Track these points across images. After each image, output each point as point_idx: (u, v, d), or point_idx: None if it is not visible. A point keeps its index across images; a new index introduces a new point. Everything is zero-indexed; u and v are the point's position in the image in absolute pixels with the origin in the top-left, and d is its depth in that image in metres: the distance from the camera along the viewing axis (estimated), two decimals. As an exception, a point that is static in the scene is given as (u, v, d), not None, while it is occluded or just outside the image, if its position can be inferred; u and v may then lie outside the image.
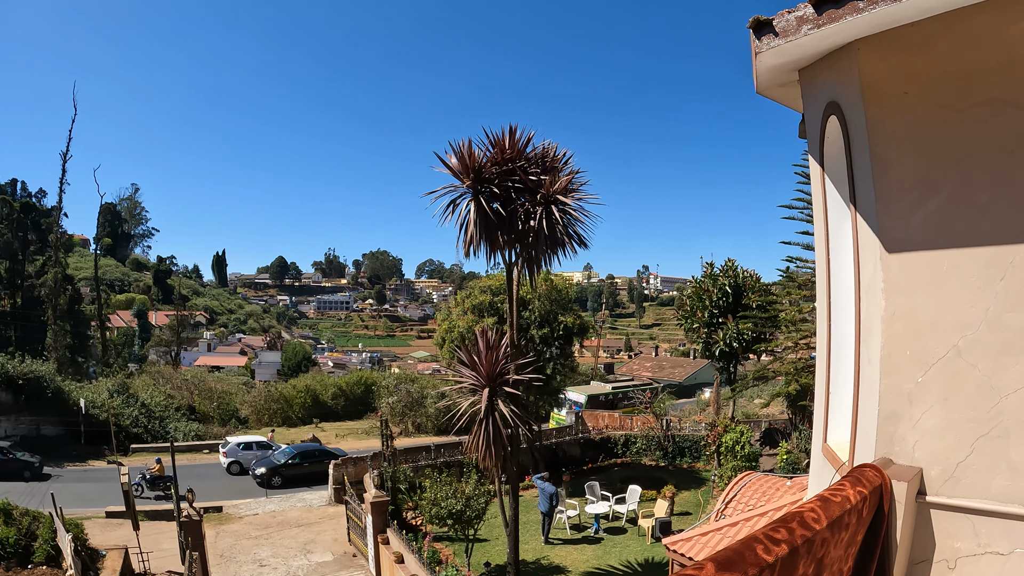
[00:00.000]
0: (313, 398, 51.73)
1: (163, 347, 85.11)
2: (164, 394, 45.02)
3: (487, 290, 28.38)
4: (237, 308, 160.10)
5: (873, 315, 4.36)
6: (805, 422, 29.18)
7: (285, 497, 28.05)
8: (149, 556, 19.57)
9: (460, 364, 17.14)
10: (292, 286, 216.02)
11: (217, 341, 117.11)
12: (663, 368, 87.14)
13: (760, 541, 2.63)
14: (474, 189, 14.92)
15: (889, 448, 4.25)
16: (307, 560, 21.36)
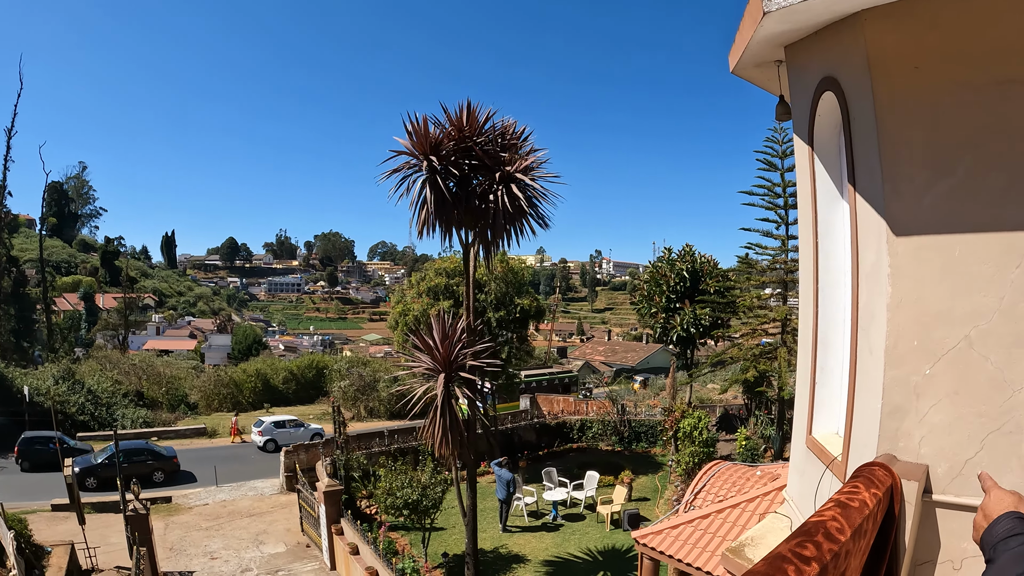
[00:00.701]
0: (264, 382, 50.80)
1: (110, 331, 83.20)
2: (111, 380, 43.74)
3: (442, 272, 27.98)
4: (186, 290, 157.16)
5: (876, 302, 4.07)
6: (762, 408, 29.41)
7: (236, 486, 27.37)
8: (96, 551, 18.85)
9: (415, 349, 16.67)
10: (243, 268, 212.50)
11: (166, 324, 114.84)
12: (616, 352, 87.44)
13: (789, 560, 2.38)
14: (430, 167, 14.40)
15: (893, 444, 3.98)
16: (259, 552, 20.83)
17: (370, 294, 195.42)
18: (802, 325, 6.22)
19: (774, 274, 25.44)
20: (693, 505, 9.99)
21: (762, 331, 25.58)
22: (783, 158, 24.37)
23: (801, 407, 6.06)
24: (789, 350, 23.90)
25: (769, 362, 24.47)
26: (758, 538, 5.96)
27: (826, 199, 5.49)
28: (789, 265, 24.54)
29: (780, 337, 24.75)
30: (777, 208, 24.67)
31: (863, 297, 4.36)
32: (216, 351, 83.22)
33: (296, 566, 20.01)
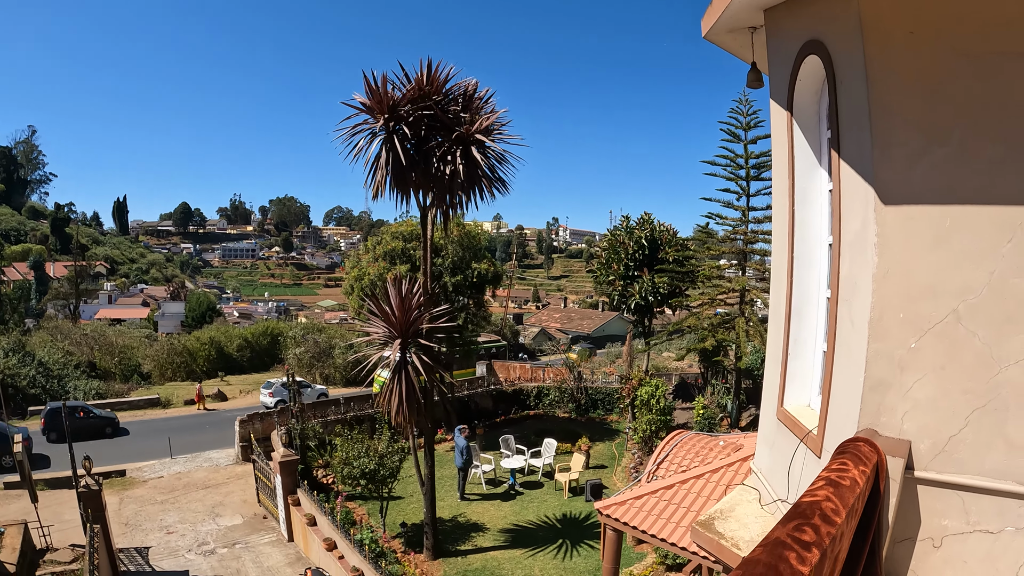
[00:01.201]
0: (218, 350, 49.99)
1: (61, 300, 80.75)
2: (63, 351, 42.59)
3: (399, 236, 27.57)
4: (139, 257, 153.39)
5: (860, 273, 3.95)
6: (719, 377, 29.68)
7: (191, 457, 26.85)
8: (51, 529, 18.35)
9: (371, 315, 16.35)
10: (196, 233, 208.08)
11: (118, 292, 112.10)
12: (572, 320, 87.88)
13: (789, 547, 2.27)
14: (387, 126, 13.97)
15: (875, 419, 3.89)
16: (216, 524, 20.52)
17: (325, 260, 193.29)
18: (774, 295, 6.11)
19: (734, 244, 25.53)
20: (656, 475, 9.94)
21: (720, 301, 25.73)
22: (747, 130, 24.39)
23: (772, 379, 5.97)
24: (747, 320, 24.07)
25: (727, 332, 24.62)
26: (727, 511, 5.87)
27: (804, 167, 5.36)
28: (749, 236, 24.65)
29: (738, 307, 24.89)
30: (739, 179, 24.70)
31: (845, 267, 4.23)
32: (169, 319, 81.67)
33: (253, 538, 19.75)
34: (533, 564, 16.81)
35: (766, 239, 24.37)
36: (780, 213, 5.73)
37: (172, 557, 18.47)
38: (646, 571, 15.92)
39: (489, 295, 30.64)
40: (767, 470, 6.11)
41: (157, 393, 39.57)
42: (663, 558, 16.20)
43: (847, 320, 4.18)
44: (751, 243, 24.78)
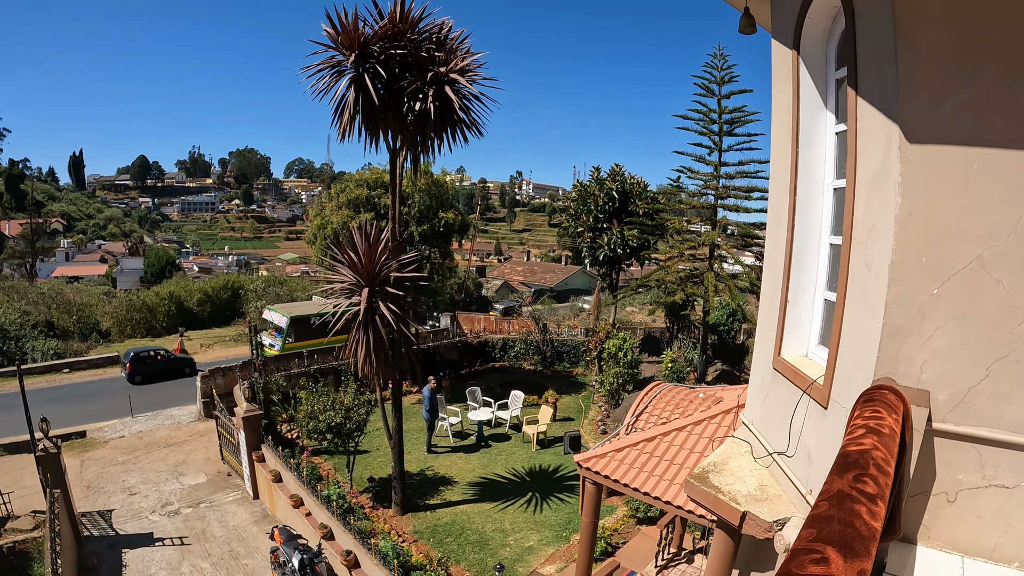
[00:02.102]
0: (178, 305, 48.89)
1: (17, 259, 79.05)
2: (19, 311, 41.32)
3: (364, 184, 27.11)
4: (96, 213, 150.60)
5: (880, 214, 3.74)
6: (686, 332, 29.79)
7: (152, 416, 26.27)
8: (10, 496, 17.86)
9: (336, 263, 15.92)
10: (155, 187, 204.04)
11: (76, 249, 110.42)
12: (535, 273, 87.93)
13: (856, 500, 2.15)
14: (357, 65, 13.40)
15: (892, 368, 3.71)
16: (179, 484, 20.16)
17: (286, 212, 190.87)
18: (771, 242, 5.94)
19: (705, 199, 25.46)
20: (635, 427, 9.82)
21: (690, 256, 25.69)
22: (721, 84, 24.16)
23: (768, 328, 5.80)
24: (716, 275, 24.09)
25: (696, 286, 24.64)
26: (720, 463, 5.74)
27: (808, 108, 5.16)
28: (721, 192, 24.53)
29: (708, 263, 24.90)
30: (712, 134, 24.52)
31: (860, 209, 4.03)
32: (128, 275, 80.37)
33: (218, 496, 19.46)
34: (503, 517, 16.80)
35: (737, 194, 24.34)
36: (781, 155, 5.52)
37: (136, 519, 18.13)
38: (617, 524, 15.98)
39: (455, 246, 30.35)
40: (759, 422, 5.98)
41: (116, 351, 38.63)
42: (634, 511, 16.28)
43: (862, 264, 3.99)
44: (722, 198, 24.69)
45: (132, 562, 16.05)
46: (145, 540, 17.05)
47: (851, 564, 1.71)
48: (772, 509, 4.94)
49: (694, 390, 10.46)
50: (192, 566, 15.86)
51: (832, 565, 1.68)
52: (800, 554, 1.75)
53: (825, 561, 1.69)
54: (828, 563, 1.68)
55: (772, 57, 5.69)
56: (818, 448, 4.47)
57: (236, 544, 16.94)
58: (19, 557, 16.18)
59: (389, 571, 13.15)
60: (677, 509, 7.63)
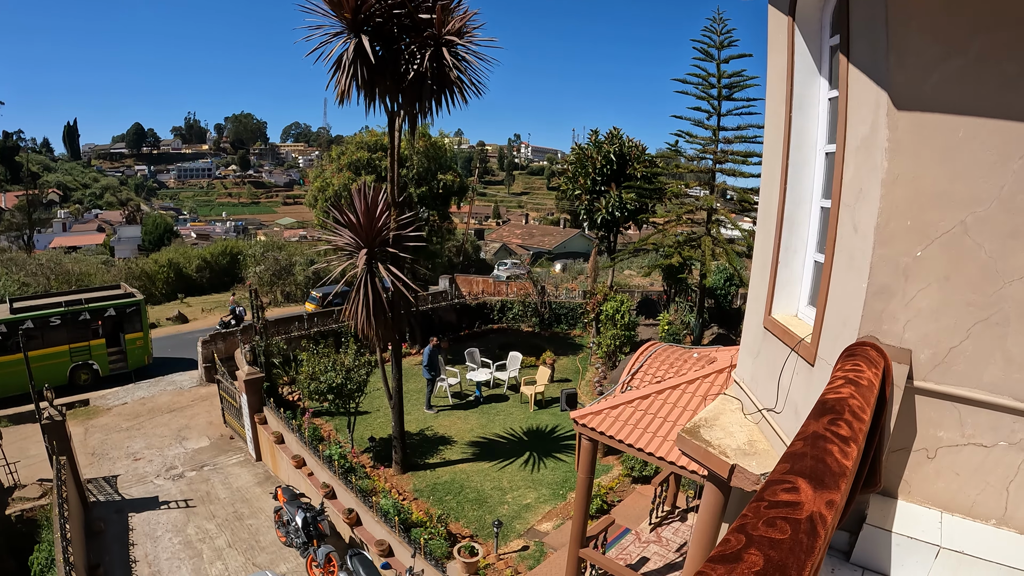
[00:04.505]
0: (177, 272, 48.94)
1: (14, 232, 78.47)
2: (18, 282, 41.17)
3: (364, 146, 27.06)
4: (92, 182, 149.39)
5: (868, 178, 3.86)
6: (682, 295, 29.95)
7: (154, 382, 26.51)
8: (16, 466, 18.11)
9: (336, 224, 16.00)
10: (151, 155, 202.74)
11: (73, 219, 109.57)
12: (533, 236, 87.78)
13: (829, 440, 2.31)
14: (354, 26, 13.34)
15: (877, 326, 3.86)
16: (183, 448, 20.46)
17: (284, 177, 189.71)
18: (763, 204, 6.06)
19: (704, 163, 25.47)
20: (631, 386, 10.01)
21: (688, 219, 25.76)
22: (720, 48, 24.02)
23: (759, 287, 5.96)
24: (714, 239, 24.19)
25: (693, 250, 24.73)
26: (711, 419, 5.93)
27: (802, 74, 5.25)
28: (719, 156, 24.52)
29: (705, 226, 24.97)
30: (711, 98, 24.42)
31: (849, 173, 4.15)
32: (126, 243, 80.00)
33: (221, 459, 19.76)
34: (502, 476, 17.09)
35: (735, 159, 24.34)
36: (775, 119, 5.63)
37: (141, 484, 18.45)
38: (613, 483, 16.28)
39: (454, 208, 30.35)
40: (750, 380, 6.16)
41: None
42: (629, 470, 16.56)
43: (849, 226, 4.12)
44: (720, 163, 24.69)
45: (139, 525, 16.39)
46: (151, 504, 17.40)
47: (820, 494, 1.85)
48: (760, 463, 5.13)
49: (689, 350, 10.64)
50: (198, 528, 16.20)
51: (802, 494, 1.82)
52: (773, 484, 1.90)
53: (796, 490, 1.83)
54: (799, 492, 1.82)
55: (768, 23, 5.76)
56: (805, 404, 4.63)
57: (240, 505, 17.27)
58: (27, 525, 16.47)
59: (390, 528, 13.47)
60: (670, 464, 7.83)
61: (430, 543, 12.89)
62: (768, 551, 1.58)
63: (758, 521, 1.72)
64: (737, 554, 1.57)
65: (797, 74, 5.23)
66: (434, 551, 12.77)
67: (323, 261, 18.98)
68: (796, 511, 1.79)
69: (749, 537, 1.64)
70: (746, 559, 1.54)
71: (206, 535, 15.86)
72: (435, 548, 12.82)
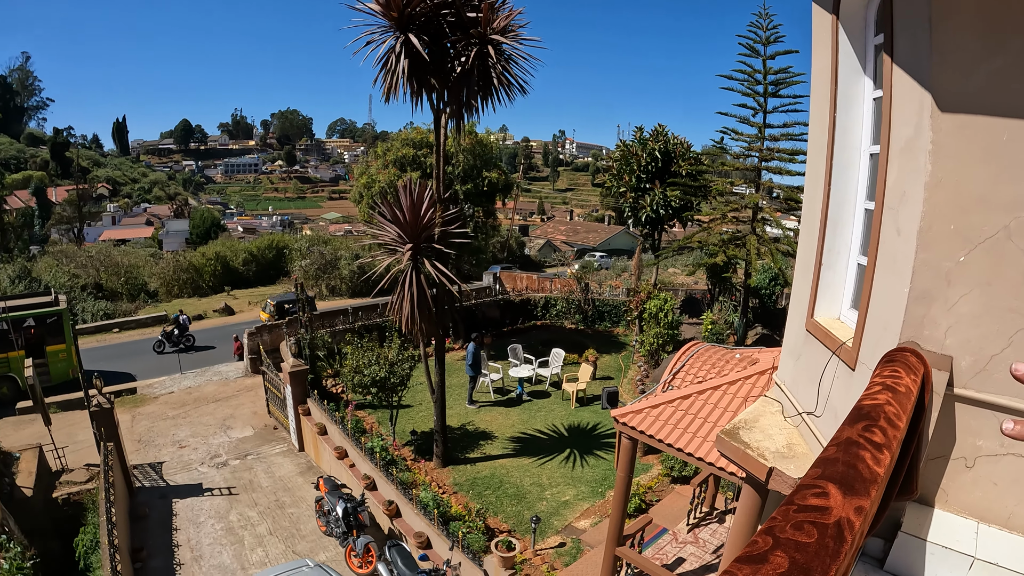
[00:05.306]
0: (223, 265, 49.91)
1: (65, 224, 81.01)
2: (68, 274, 42.42)
3: (409, 143, 27.25)
4: (141, 177, 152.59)
5: (911, 180, 3.80)
6: (727, 294, 29.67)
7: (200, 372, 27.07)
8: (65, 451, 18.67)
9: (382, 220, 16.17)
10: (198, 150, 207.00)
11: (122, 213, 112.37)
12: (578, 232, 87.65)
13: (862, 446, 2.29)
14: (400, 24, 13.49)
15: (918, 332, 3.80)
16: (227, 437, 20.85)
17: (329, 172, 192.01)
18: (807, 205, 6.00)
19: (749, 161, 25.11)
20: (672, 385, 9.98)
21: (732, 218, 25.45)
22: (766, 44, 23.65)
23: (802, 289, 5.90)
24: (759, 238, 23.88)
25: (738, 249, 24.45)
26: (751, 421, 5.89)
27: (846, 73, 5.18)
28: (765, 154, 24.17)
29: (750, 225, 24.66)
30: (756, 95, 24.05)
31: (893, 175, 4.09)
32: (174, 237, 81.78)
33: (264, 448, 20.10)
34: (541, 472, 17.14)
35: (781, 157, 23.97)
36: (819, 119, 5.56)
37: (185, 471, 18.87)
38: (652, 482, 16.22)
39: (499, 204, 30.41)
40: (791, 382, 6.10)
41: (164, 310, 39.63)
42: (669, 470, 16.48)
43: (892, 229, 4.07)
44: (766, 160, 24.34)
45: (182, 511, 16.77)
46: (194, 490, 17.77)
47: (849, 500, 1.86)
48: (798, 466, 5.09)
49: (731, 351, 10.56)
50: (240, 515, 16.51)
51: (831, 499, 1.82)
52: (804, 488, 1.91)
53: (825, 495, 1.84)
54: (828, 497, 1.83)
55: (812, 20, 5.69)
56: (844, 408, 4.57)
57: (282, 494, 17.55)
58: (73, 508, 16.94)
59: (429, 521, 13.58)
60: (709, 465, 7.80)
61: (468, 537, 12.98)
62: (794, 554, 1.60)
63: (786, 524, 1.74)
64: (763, 555, 1.59)
65: (841, 73, 5.16)
66: (472, 545, 12.85)
67: (368, 256, 19.15)
68: (824, 516, 1.80)
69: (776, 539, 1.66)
70: (772, 561, 1.56)
71: (248, 522, 16.17)
72: (473, 542, 12.91)
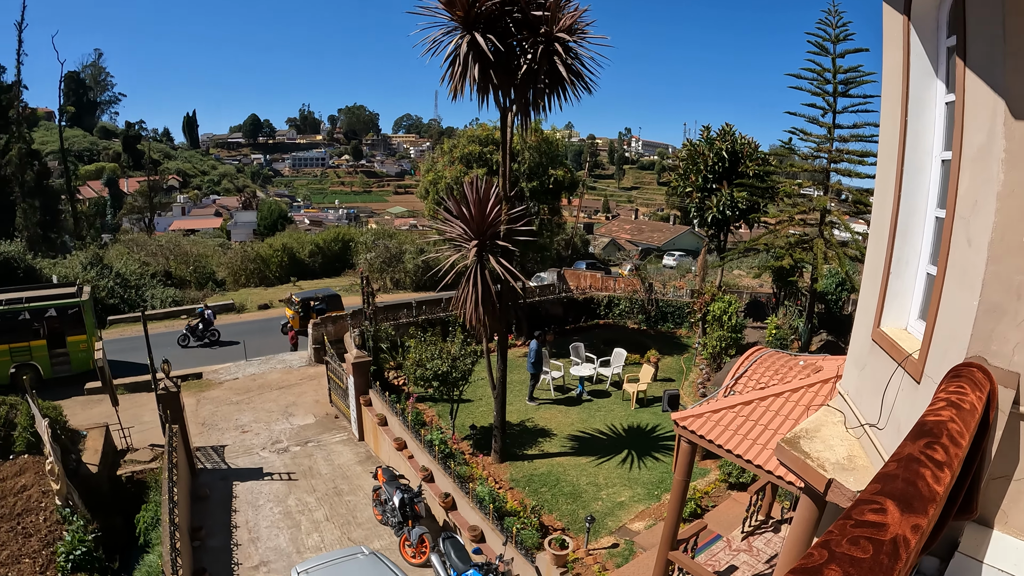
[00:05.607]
0: (290, 256, 50.95)
1: (136, 214, 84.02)
2: (139, 262, 43.80)
3: (476, 140, 27.39)
4: (210, 169, 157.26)
5: (983, 190, 3.69)
6: (792, 298, 29.11)
7: (265, 359, 27.74)
8: (130, 431, 19.38)
9: (448, 216, 16.31)
10: (266, 144, 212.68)
11: (191, 204, 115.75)
12: (642, 231, 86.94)
13: (923, 464, 2.29)
14: (469, 23, 13.57)
15: (985, 346, 3.69)
16: (289, 424, 21.32)
17: (395, 167, 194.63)
18: (877, 211, 5.86)
19: (818, 163, 24.52)
20: (734, 390, 9.86)
21: (800, 221, 24.90)
22: (836, 42, 23.01)
23: (869, 298, 5.76)
24: (826, 242, 23.32)
25: (804, 252, 23.93)
26: (812, 430, 5.79)
27: (918, 75, 5.03)
28: (833, 155, 23.56)
29: (818, 228, 24.10)
30: (826, 95, 23.42)
31: (964, 183, 3.97)
32: (242, 228, 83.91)
33: (325, 437, 20.48)
34: (598, 472, 17.06)
35: (851, 159, 23.34)
36: (890, 124, 5.42)
37: (247, 455, 19.38)
38: (708, 487, 16.01)
39: (564, 202, 30.36)
40: (855, 393, 5.97)
41: (231, 299, 40.68)
42: (727, 476, 16.25)
43: (963, 240, 3.95)
44: (835, 162, 23.73)
45: (242, 493, 17.23)
46: (255, 474, 18.24)
47: (907, 518, 1.84)
48: (858, 479, 4.98)
49: (795, 358, 10.38)
50: (298, 500, 16.88)
51: (889, 516, 1.82)
52: (862, 503, 1.90)
53: (883, 511, 1.83)
54: (886, 513, 1.82)
55: (883, 20, 5.54)
56: (908, 422, 4.46)
57: (340, 481, 17.88)
58: (136, 486, 17.66)
59: (484, 515, 13.68)
60: (767, 474, 7.68)
61: (522, 533, 13.02)
62: (848, 568, 1.60)
63: (842, 538, 1.73)
64: (818, 568, 1.60)
65: (913, 75, 5.02)
66: (525, 541, 12.89)
67: (433, 251, 19.33)
68: (881, 532, 1.79)
69: (832, 553, 1.67)
70: (826, 574, 1.57)
71: (305, 507, 16.53)
72: (526, 538, 12.94)
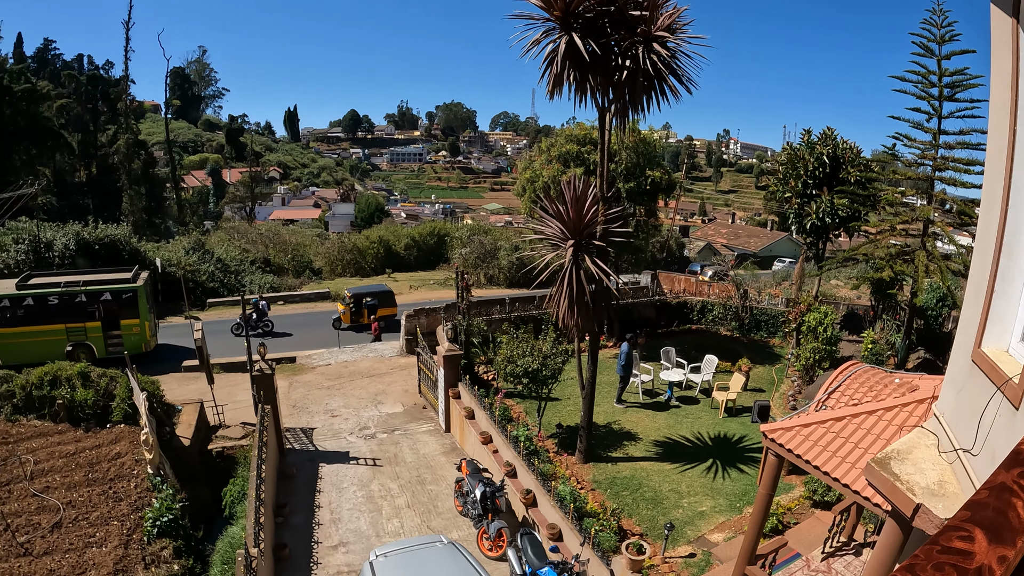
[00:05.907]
0: (386, 248, 52.04)
1: (237, 203, 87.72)
2: (239, 249, 45.80)
3: (573, 139, 27.36)
4: (310, 162, 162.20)
5: (1096, 211, 3.51)
6: (890, 312, 28.03)
7: (357, 347, 28.53)
8: (223, 408, 20.31)
9: (544, 214, 16.40)
10: (365, 139, 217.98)
11: (291, 195, 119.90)
12: (739, 236, 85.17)
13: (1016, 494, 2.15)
14: (566, 22, 13.60)
15: (1093, 375, 3.51)
16: (377, 411, 21.87)
17: (491, 164, 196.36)
18: (982, 225, 5.60)
19: (922, 170, 23.45)
20: (826, 404, 9.59)
21: (902, 230, 23.89)
22: (941, 43, 21.87)
23: (970, 317, 5.51)
24: (929, 255, 22.31)
25: (905, 264, 22.94)
26: (904, 452, 5.60)
27: (1032, 82, 4.78)
28: (939, 163, 22.48)
29: (920, 240, 23.07)
30: (931, 98, 22.25)
31: (1077, 202, 3.78)
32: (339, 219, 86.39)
33: (412, 426, 20.91)
34: (681, 480, 16.85)
35: (956, 167, 22.20)
36: (997, 132, 5.15)
37: (335, 439, 19.99)
38: (792, 503, 15.58)
39: (660, 204, 30.05)
40: (951, 415, 5.74)
41: (327, 287, 41.93)
42: (811, 493, 15.77)
43: (1072, 262, 3.77)
44: (940, 170, 22.63)
45: (327, 475, 17.82)
46: (341, 458, 18.82)
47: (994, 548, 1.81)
48: (947, 506, 4.79)
49: (890, 375, 10.00)
50: (381, 485, 17.32)
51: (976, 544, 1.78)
52: (950, 529, 1.87)
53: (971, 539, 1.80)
54: (973, 541, 1.79)
55: (991, 23, 5.28)
56: (1004, 449, 4.28)
57: (424, 471, 18.25)
58: (226, 461, 18.65)
59: (564, 514, 13.72)
60: (854, 494, 7.45)
61: (600, 534, 13.00)
62: (930, 595, 1.59)
63: (928, 564, 1.71)
64: (901, 592, 1.59)
65: (1022, 82, 4.79)
66: (602, 543, 12.87)
67: (528, 249, 19.45)
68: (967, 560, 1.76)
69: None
70: (908, 599, 1.56)
71: (388, 493, 16.94)
72: (604, 540, 12.92)
